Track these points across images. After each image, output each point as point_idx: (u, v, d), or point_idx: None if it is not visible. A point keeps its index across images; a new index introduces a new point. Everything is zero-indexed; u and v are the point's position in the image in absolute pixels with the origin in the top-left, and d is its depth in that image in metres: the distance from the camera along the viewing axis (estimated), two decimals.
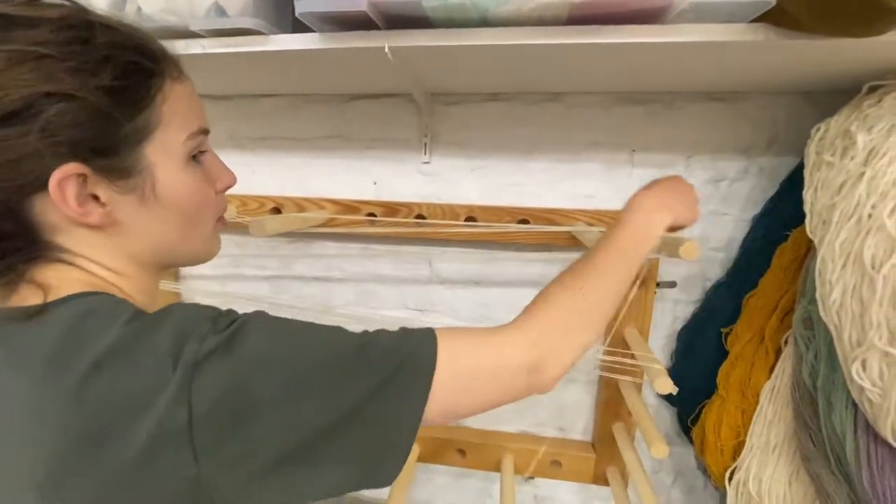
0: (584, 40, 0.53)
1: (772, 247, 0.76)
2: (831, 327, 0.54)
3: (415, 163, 0.94)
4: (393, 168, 0.95)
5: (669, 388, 0.66)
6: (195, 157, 0.41)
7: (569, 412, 1.00)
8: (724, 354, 0.78)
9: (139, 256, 0.39)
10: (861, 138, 0.55)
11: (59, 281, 0.35)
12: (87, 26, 0.33)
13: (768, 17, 0.49)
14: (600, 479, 0.94)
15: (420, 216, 0.89)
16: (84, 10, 0.35)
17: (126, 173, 0.35)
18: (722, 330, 0.80)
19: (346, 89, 0.91)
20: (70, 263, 0.36)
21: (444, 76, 0.76)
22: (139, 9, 0.58)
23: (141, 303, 0.39)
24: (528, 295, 0.91)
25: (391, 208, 0.90)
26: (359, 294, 1.02)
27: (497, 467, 0.96)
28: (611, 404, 0.92)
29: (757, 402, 0.70)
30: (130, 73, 0.35)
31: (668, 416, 0.95)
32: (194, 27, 0.58)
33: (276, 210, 0.94)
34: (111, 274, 0.38)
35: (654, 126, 0.85)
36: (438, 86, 0.85)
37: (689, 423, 0.84)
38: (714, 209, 0.87)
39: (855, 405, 0.54)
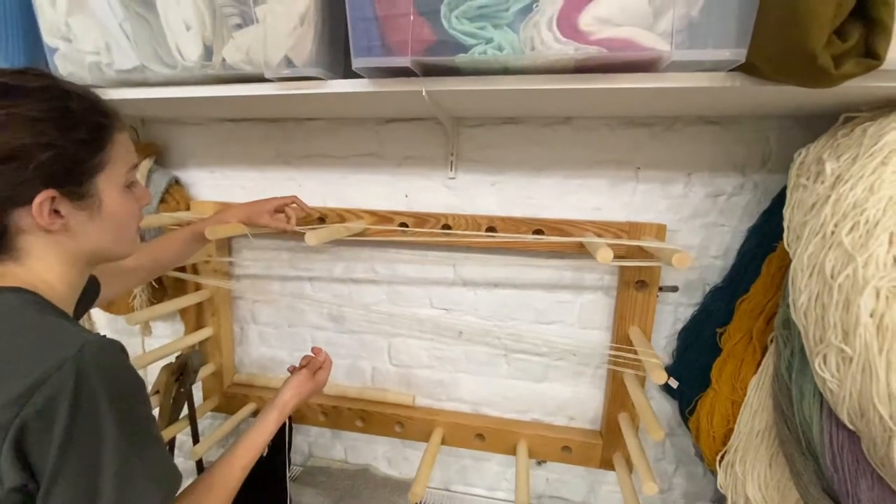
0: (587, 86, 0.63)
1: (763, 256, 0.84)
2: (800, 327, 0.63)
3: (441, 178, 1.05)
4: (422, 182, 1.07)
5: (663, 378, 0.76)
6: (129, 186, 0.56)
7: (578, 403, 1.10)
8: (718, 352, 0.87)
9: (78, 255, 0.53)
10: (829, 165, 0.64)
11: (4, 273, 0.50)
12: (65, 96, 0.48)
13: (744, 68, 0.59)
14: (607, 465, 1.04)
15: (446, 226, 1.01)
16: (61, 83, 0.50)
17: (83, 196, 0.50)
18: (717, 330, 0.89)
19: (380, 114, 1.03)
20: (17, 260, 0.50)
21: (469, 106, 0.87)
22: (224, 60, 0.72)
23: (61, 292, 0.52)
24: (542, 296, 1.02)
25: (421, 219, 1.02)
26: (390, 294, 1.14)
27: (512, 451, 1.07)
28: (617, 396, 1.01)
29: (745, 394, 0.80)
30: (94, 129, 0.50)
31: (669, 407, 1.04)
32: (269, 75, 0.71)
33: (321, 220, 1.07)
34: (47, 271, 0.51)
35: (657, 146, 0.95)
36: (462, 111, 0.96)
37: (687, 414, 0.93)
38: (713, 221, 0.96)
39: (821, 394, 0.63)
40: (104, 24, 0.73)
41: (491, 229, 0.99)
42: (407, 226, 1.02)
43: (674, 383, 0.97)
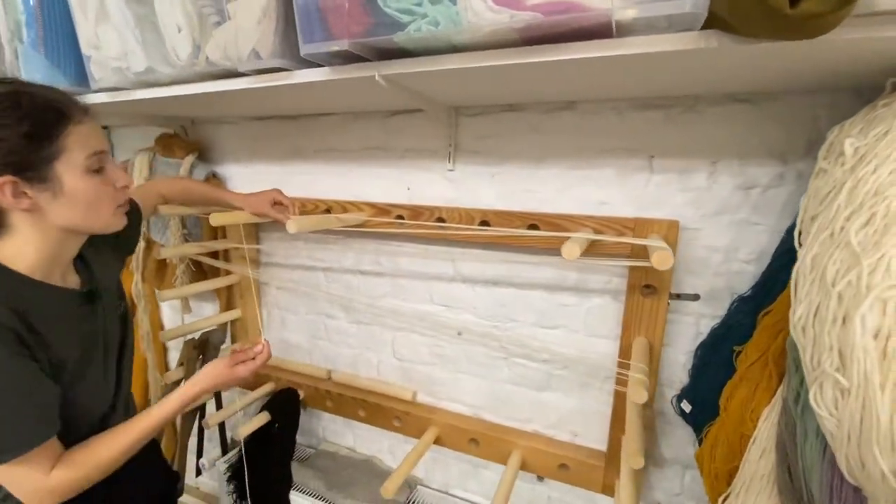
0: (530, 59, 0.57)
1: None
2: (799, 346, 0.50)
3: (441, 170, 1.02)
4: (423, 175, 1.05)
5: (643, 397, 0.65)
6: (97, 169, 0.62)
7: (583, 419, 1.00)
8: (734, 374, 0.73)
9: (51, 228, 0.61)
10: (849, 143, 0.50)
11: None
12: (18, 96, 0.56)
13: (717, 24, 0.49)
14: (609, 490, 0.93)
15: (440, 219, 0.98)
16: (20, 85, 0.58)
17: (42, 180, 0.57)
18: (734, 348, 0.74)
19: (385, 107, 1.03)
20: (7, 235, 0.59)
21: (454, 93, 0.84)
22: (207, 58, 0.77)
23: (35, 260, 0.61)
24: (542, 297, 0.94)
25: (416, 211, 1.00)
26: (394, 287, 1.14)
27: (506, 461, 1.00)
28: (621, 415, 0.90)
29: (756, 427, 0.65)
30: (40, 123, 0.57)
31: (685, 435, 0.90)
32: (241, 69, 0.75)
33: (328, 211, 1.11)
34: (26, 243, 0.60)
35: (675, 131, 0.82)
36: (460, 100, 0.93)
37: (697, 444, 0.79)
38: (745, 218, 0.80)
39: (824, 436, 0.49)
40: (121, 32, 0.83)
41: (484, 223, 0.94)
42: (403, 218, 1.01)
43: (686, 407, 0.84)
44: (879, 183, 0.46)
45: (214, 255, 1.25)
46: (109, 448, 0.64)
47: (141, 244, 1.29)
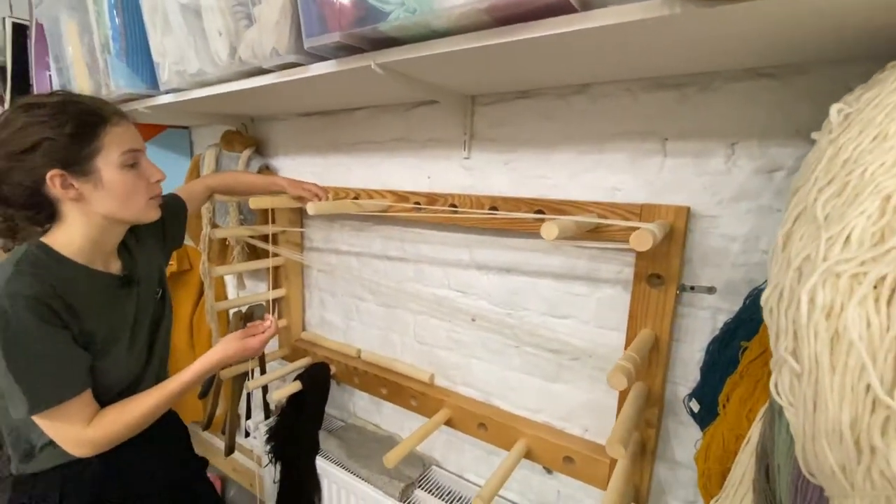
0: (508, 39, 0.58)
1: None
2: (770, 333, 0.46)
3: (458, 158, 1.05)
4: (442, 163, 1.08)
5: (622, 384, 0.63)
6: (132, 164, 0.74)
7: (594, 413, 0.96)
8: None
9: (94, 217, 0.73)
10: (835, 109, 0.45)
11: (25, 233, 0.73)
12: (65, 105, 0.69)
13: None
14: None
15: (453, 205, 1.01)
16: (68, 96, 0.71)
17: (85, 173, 0.70)
18: (742, 343, 0.68)
19: (404, 99, 1.08)
20: (58, 224, 0.73)
21: (459, 80, 0.86)
22: (240, 57, 0.88)
23: (80, 245, 0.73)
24: (551, 285, 1.00)
25: (432, 198, 1.04)
26: (417, 272, 1.19)
27: (511, 448, 1.00)
28: None
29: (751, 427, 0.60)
30: (84, 125, 0.69)
31: (698, 436, 0.83)
32: (265, 65, 0.84)
33: (356, 198, 1.19)
34: (73, 231, 0.73)
35: (689, 111, 0.78)
36: (472, 88, 0.95)
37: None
38: (766, 204, 0.74)
39: None
40: (179, 40, 0.97)
41: (493, 209, 0.95)
42: (420, 205, 1.06)
43: (695, 406, 0.78)
44: (860, 150, 0.41)
45: (270, 239, 1.39)
46: (139, 407, 0.76)
47: (206, 229, 1.47)
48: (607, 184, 0.87)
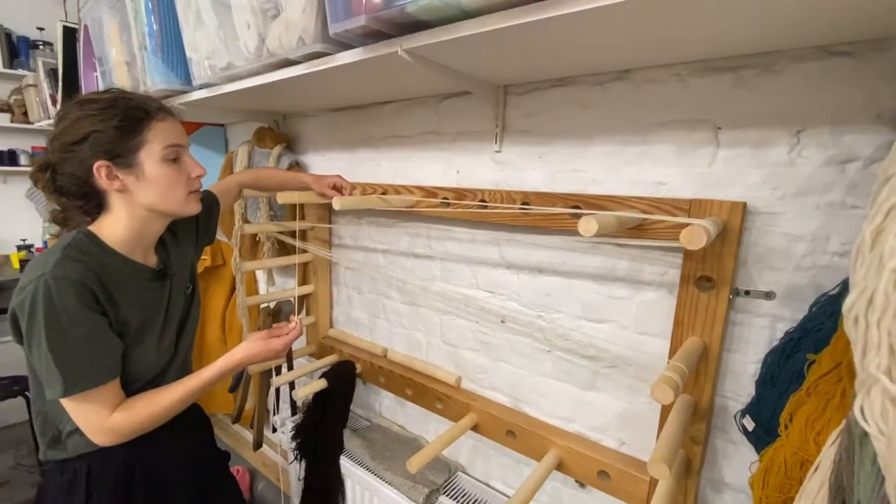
0: (544, 15, 0.53)
1: None
2: (852, 343, 0.39)
3: (488, 152, 1.01)
4: (471, 158, 1.04)
5: (669, 397, 0.56)
6: (174, 159, 0.75)
7: (632, 426, 0.89)
8: None
9: (137, 208, 0.75)
10: None
11: (76, 222, 0.75)
12: (115, 101, 0.71)
13: None
14: None
15: (482, 201, 0.96)
16: (119, 93, 0.73)
17: (129, 165, 0.71)
18: (808, 356, 0.60)
19: (434, 90, 1.04)
20: (105, 213, 0.75)
21: (493, 68, 0.82)
22: (268, 49, 0.86)
23: (122, 235, 0.75)
24: (589, 287, 0.93)
25: (460, 194, 1.00)
26: (444, 271, 1.15)
27: (541, 458, 0.94)
28: None
29: (821, 452, 0.52)
30: (130, 119, 0.71)
31: (752, 457, 0.75)
32: (291, 56, 0.82)
33: (384, 194, 1.16)
34: (117, 220, 0.74)
35: (747, 96, 0.70)
36: (506, 77, 0.90)
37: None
38: (838, 200, 0.65)
39: None
40: (210, 34, 0.97)
41: (525, 204, 0.90)
42: (448, 200, 1.02)
43: (749, 424, 0.71)
44: None
45: (297, 235, 1.39)
46: (164, 400, 0.76)
47: (238, 224, 1.49)
48: (650, 178, 0.80)
